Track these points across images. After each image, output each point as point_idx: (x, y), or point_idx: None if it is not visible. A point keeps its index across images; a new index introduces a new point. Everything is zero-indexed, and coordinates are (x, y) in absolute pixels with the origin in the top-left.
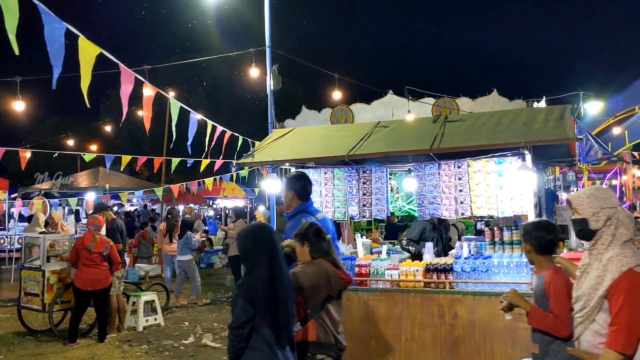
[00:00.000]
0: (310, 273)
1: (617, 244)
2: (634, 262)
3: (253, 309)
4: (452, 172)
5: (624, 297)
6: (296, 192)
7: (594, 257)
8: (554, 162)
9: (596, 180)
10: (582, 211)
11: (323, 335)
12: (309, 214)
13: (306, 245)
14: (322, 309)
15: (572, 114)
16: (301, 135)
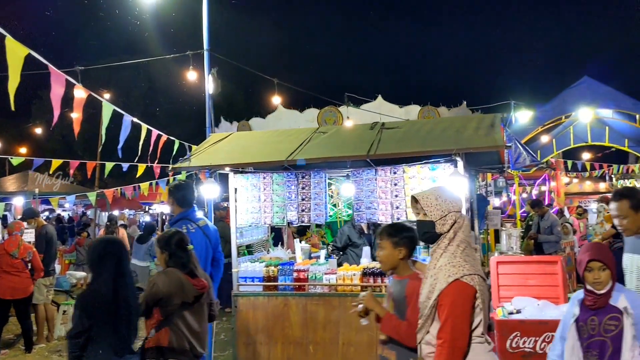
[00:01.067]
0: (161, 282)
1: (450, 251)
2: (461, 272)
3: (89, 321)
4: (388, 177)
5: (448, 309)
6: (176, 200)
7: (432, 264)
8: (485, 169)
9: (526, 187)
10: (430, 213)
11: (176, 340)
12: (190, 221)
13: (165, 253)
14: (178, 316)
15: (502, 123)
16: (240, 140)
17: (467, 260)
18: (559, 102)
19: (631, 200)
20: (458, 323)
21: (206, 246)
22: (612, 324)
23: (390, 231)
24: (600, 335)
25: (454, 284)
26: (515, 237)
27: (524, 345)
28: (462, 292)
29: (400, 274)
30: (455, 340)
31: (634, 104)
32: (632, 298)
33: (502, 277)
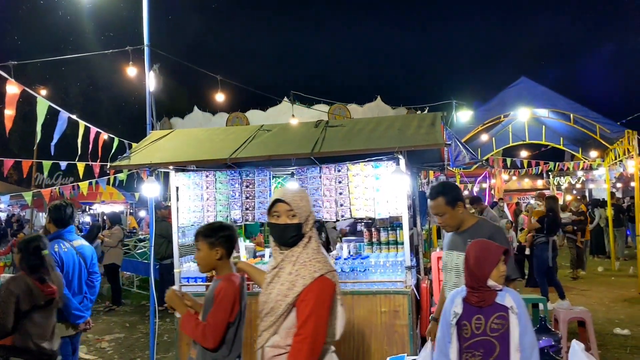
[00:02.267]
0: (7, 286)
1: (311, 248)
2: (325, 268)
3: None
4: (332, 175)
5: (312, 305)
6: (52, 220)
7: (287, 261)
8: (427, 166)
9: (468, 184)
10: (300, 214)
11: (21, 341)
12: (64, 240)
13: (20, 254)
14: (26, 318)
15: (443, 121)
16: (181, 138)
17: (325, 255)
18: (497, 102)
19: (446, 197)
20: (321, 319)
21: (80, 265)
22: (498, 323)
23: (206, 232)
24: (485, 335)
25: (320, 279)
26: None
27: None
28: (327, 288)
29: (219, 274)
30: (317, 336)
31: (568, 103)
32: (515, 297)
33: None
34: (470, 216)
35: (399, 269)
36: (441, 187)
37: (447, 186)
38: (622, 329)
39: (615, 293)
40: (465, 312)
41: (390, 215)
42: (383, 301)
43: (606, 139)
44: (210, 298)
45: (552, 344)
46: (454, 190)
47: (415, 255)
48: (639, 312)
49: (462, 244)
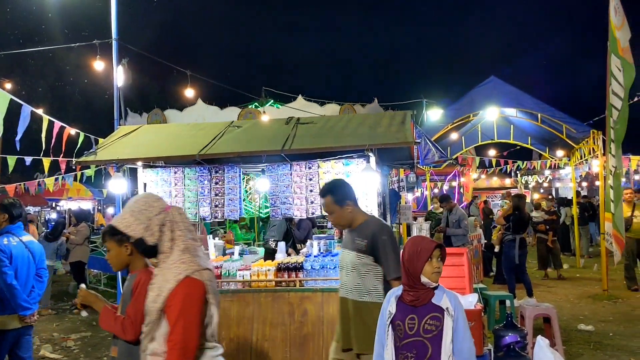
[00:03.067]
0: None
1: (177, 249)
2: (191, 268)
3: None
4: (303, 172)
5: (179, 309)
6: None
7: (159, 269)
8: (397, 164)
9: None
10: (134, 232)
11: None
12: (13, 235)
13: None
14: None
15: (413, 119)
16: (150, 133)
17: (195, 255)
18: (467, 101)
19: (334, 196)
20: (190, 323)
21: (28, 260)
22: (432, 324)
23: (112, 230)
24: (418, 336)
25: (185, 281)
26: (425, 230)
27: None
28: (193, 289)
29: (133, 269)
30: (187, 342)
31: (536, 103)
32: (453, 298)
33: None
34: (362, 214)
35: None
36: (331, 185)
37: (337, 185)
38: (586, 325)
39: (580, 290)
40: (399, 311)
41: None
42: None
43: (572, 139)
44: (129, 292)
45: (518, 339)
46: (343, 188)
47: None
48: (602, 308)
49: (351, 242)
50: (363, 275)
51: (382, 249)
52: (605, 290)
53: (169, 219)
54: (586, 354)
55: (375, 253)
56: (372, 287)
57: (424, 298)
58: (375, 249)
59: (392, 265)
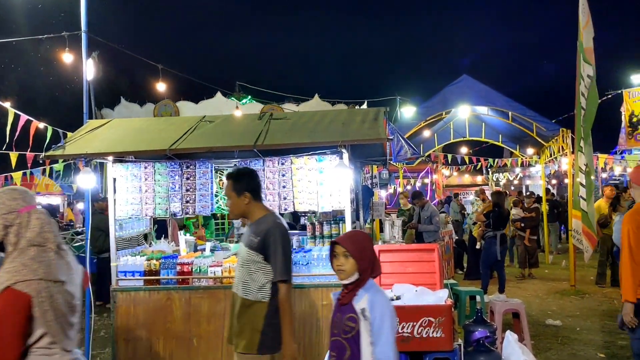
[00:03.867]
0: None
1: (11, 257)
2: (15, 278)
3: None
4: (276, 168)
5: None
6: None
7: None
8: (370, 161)
9: (410, 179)
10: None
11: None
12: None
13: None
14: None
15: (386, 116)
16: (119, 127)
17: (29, 263)
18: (440, 99)
19: (235, 183)
20: (4, 337)
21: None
22: (349, 325)
23: None
24: (339, 336)
25: (5, 292)
26: (398, 226)
27: (402, 330)
28: (11, 301)
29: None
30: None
31: (507, 102)
32: (374, 300)
33: (383, 265)
34: (261, 210)
35: None
36: (237, 171)
37: (242, 173)
38: (554, 320)
39: (548, 285)
40: (335, 309)
41: (334, 209)
42: (325, 294)
43: (542, 137)
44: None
45: (487, 334)
46: (246, 178)
47: None
48: (570, 303)
49: (246, 236)
50: (252, 273)
51: (273, 249)
52: (572, 285)
53: (18, 221)
54: (554, 348)
55: (265, 251)
56: (260, 286)
57: (346, 298)
58: (266, 248)
59: (279, 267)
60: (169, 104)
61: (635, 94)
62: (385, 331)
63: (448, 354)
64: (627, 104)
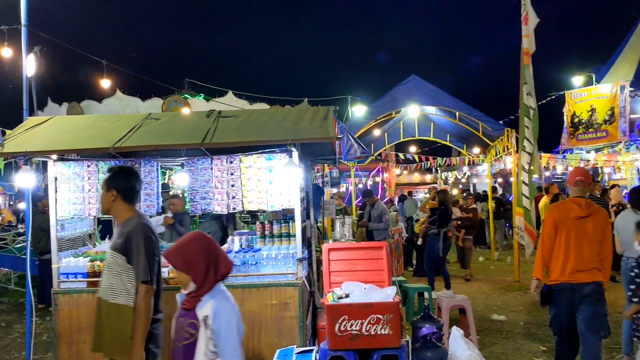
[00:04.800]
0: None
1: None
2: None
3: None
4: (224, 167)
5: None
6: None
7: None
8: (320, 159)
9: (362, 177)
10: None
11: None
12: None
13: None
14: None
15: (335, 115)
16: (61, 125)
17: None
18: (389, 99)
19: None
20: None
21: None
22: (189, 332)
23: None
24: (178, 342)
25: None
26: (348, 225)
27: (351, 327)
28: None
29: None
30: None
31: (454, 102)
32: (219, 308)
33: (333, 263)
34: (128, 211)
35: (291, 261)
36: (114, 168)
37: (116, 171)
38: (499, 315)
39: (494, 281)
40: (178, 313)
41: (283, 208)
42: (274, 294)
43: (488, 137)
44: None
45: (434, 331)
46: (119, 177)
47: (307, 247)
48: (514, 299)
49: (113, 238)
50: (115, 275)
51: (135, 250)
52: (516, 281)
53: None
54: (499, 342)
55: (128, 253)
56: (124, 289)
57: (190, 303)
58: (128, 249)
59: (141, 268)
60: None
61: (576, 95)
62: (231, 341)
63: (396, 350)
64: (569, 105)
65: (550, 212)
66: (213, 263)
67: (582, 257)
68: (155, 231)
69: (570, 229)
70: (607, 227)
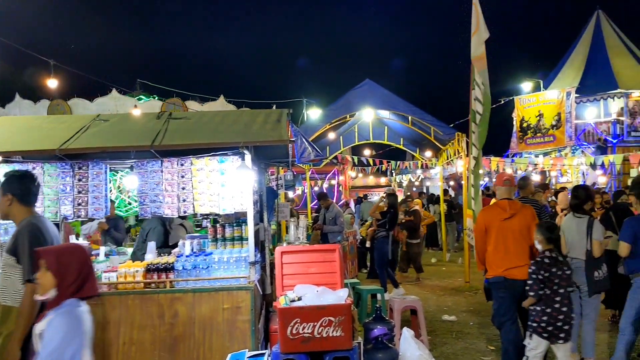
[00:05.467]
0: None
1: None
2: None
3: None
4: (175, 169)
5: None
6: None
7: None
8: (274, 162)
9: (318, 180)
10: None
11: None
12: None
13: None
14: None
15: (288, 118)
16: (5, 125)
17: None
18: (344, 102)
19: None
20: None
21: None
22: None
23: None
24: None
25: None
26: (302, 227)
27: (303, 330)
28: None
29: None
30: None
31: (407, 106)
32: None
33: (286, 267)
34: (23, 214)
35: (243, 264)
36: (9, 173)
37: (12, 175)
38: (449, 316)
39: (445, 282)
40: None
41: (236, 211)
42: (226, 298)
43: (439, 141)
44: None
45: (385, 332)
46: (14, 181)
47: (261, 250)
48: (464, 299)
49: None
50: (7, 277)
51: (21, 249)
52: (467, 282)
53: None
54: (449, 342)
55: (16, 253)
56: (14, 290)
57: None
58: (16, 250)
59: (26, 267)
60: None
61: (525, 100)
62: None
63: (347, 352)
64: (518, 110)
65: (480, 216)
66: (82, 278)
67: (511, 255)
68: (48, 231)
69: (498, 230)
70: (532, 224)
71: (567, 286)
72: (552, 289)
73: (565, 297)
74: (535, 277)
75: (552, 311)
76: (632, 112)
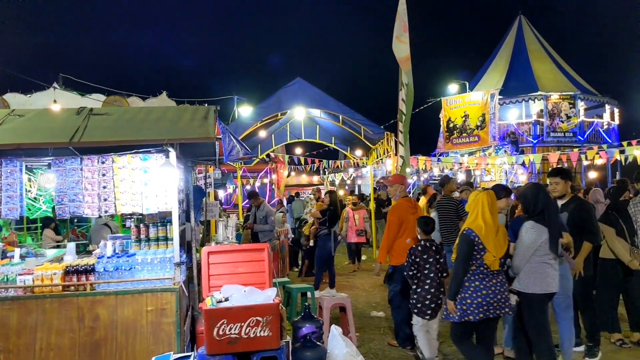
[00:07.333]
0: None
1: None
2: None
3: None
4: (95, 167)
5: None
6: None
7: None
8: (201, 160)
9: (250, 179)
10: None
11: None
12: None
13: None
14: None
15: (216, 115)
16: None
17: None
18: (275, 100)
19: None
20: None
21: None
22: None
23: None
24: None
25: None
26: (231, 227)
27: (230, 331)
28: None
29: None
30: None
31: (338, 105)
32: None
33: (213, 267)
34: None
35: (168, 265)
36: None
37: None
38: (377, 312)
39: (374, 279)
40: None
41: (160, 211)
42: (150, 299)
43: (369, 140)
44: None
45: (314, 330)
46: None
47: (188, 251)
48: None
49: None
50: None
51: None
52: None
53: None
54: (377, 338)
55: None
56: None
57: None
58: None
59: None
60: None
61: (452, 102)
62: None
63: (275, 352)
64: (445, 111)
65: (395, 211)
66: None
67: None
68: None
69: (409, 222)
70: None
71: (437, 271)
72: (423, 273)
73: (434, 281)
74: (410, 260)
75: (421, 291)
76: (551, 114)
